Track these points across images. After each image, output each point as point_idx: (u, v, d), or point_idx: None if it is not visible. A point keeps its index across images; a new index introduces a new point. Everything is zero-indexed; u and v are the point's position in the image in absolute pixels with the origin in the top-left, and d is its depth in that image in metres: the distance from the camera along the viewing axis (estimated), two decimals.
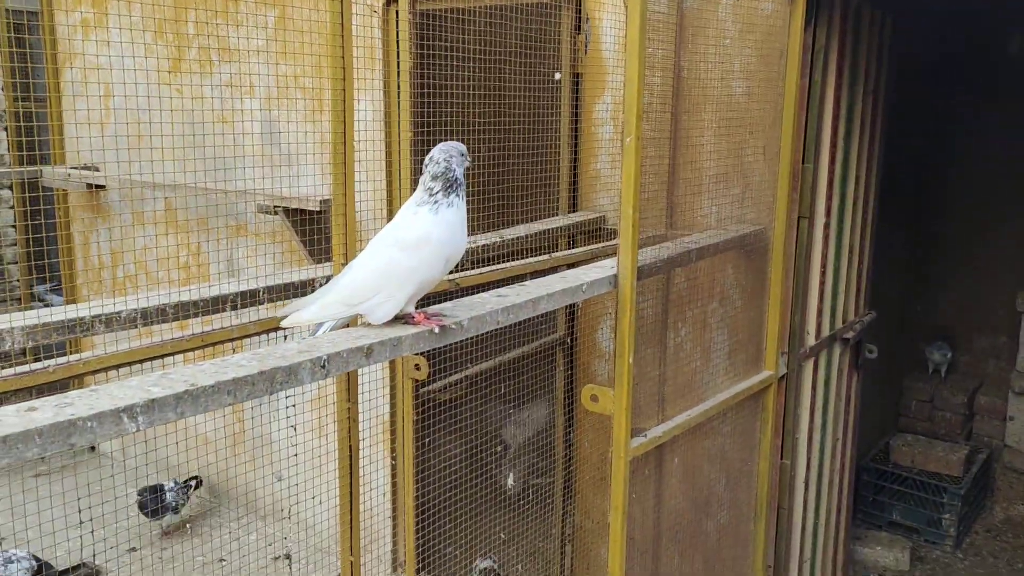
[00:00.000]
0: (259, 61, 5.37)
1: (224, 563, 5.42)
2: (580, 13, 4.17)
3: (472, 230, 3.63)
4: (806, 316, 4.13)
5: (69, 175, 5.91)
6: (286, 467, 4.63)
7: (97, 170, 6.19)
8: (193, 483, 5.86)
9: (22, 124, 6.30)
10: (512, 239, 3.57)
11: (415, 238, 2.14)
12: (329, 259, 2.85)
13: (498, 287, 2.72)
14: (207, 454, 4.75)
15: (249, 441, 5.71)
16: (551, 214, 4.14)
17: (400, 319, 2.19)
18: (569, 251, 3.64)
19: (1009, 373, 6.27)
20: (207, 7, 5.37)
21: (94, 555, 5.27)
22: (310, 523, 5.34)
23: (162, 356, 2.49)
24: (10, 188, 7.24)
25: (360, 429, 4.63)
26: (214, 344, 2.60)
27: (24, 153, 6.62)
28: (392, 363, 4.19)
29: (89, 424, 1.49)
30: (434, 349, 3.69)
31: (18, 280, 7.26)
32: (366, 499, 4.97)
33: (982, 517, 6.30)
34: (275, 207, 4.75)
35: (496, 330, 3.88)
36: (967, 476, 6.04)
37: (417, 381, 3.36)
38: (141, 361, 2.66)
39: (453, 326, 2.20)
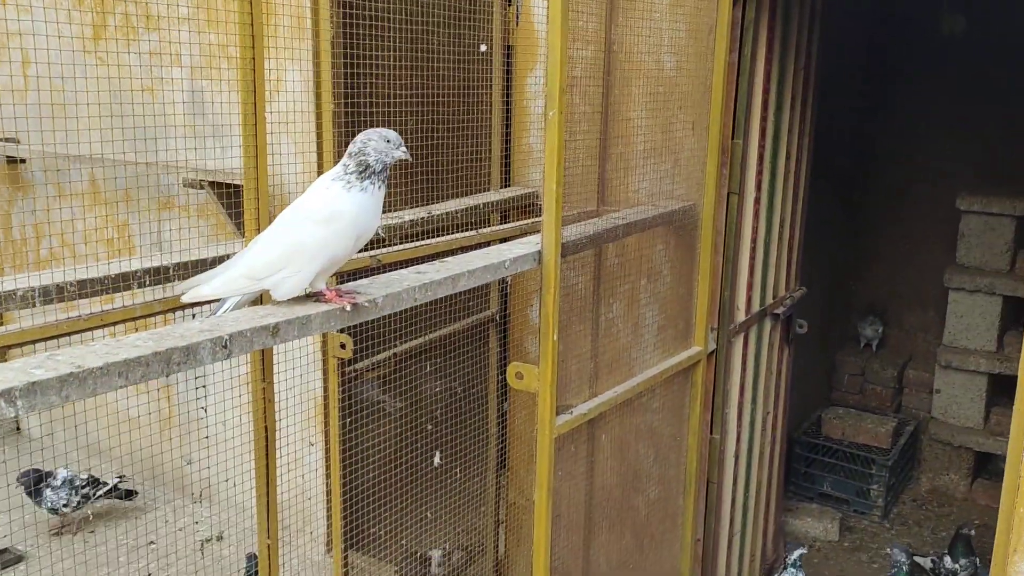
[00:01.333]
0: (185, 29, 5.19)
1: (153, 546, 5.31)
2: None
3: (399, 205, 3.57)
4: (736, 292, 4.15)
5: None
6: (213, 448, 4.53)
7: (17, 142, 5.95)
8: (111, 482, 5.34)
9: None
10: (440, 215, 3.51)
11: (328, 212, 2.08)
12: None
13: (421, 264, 2.67)
14: (134, 433, 4.63)
15: (177, 420, 5.59)
16: (483, 190, 4.09)
17: (311, 296, 2.12)
18: (497, 227, 3.59)
19: (936, 347, 6.41)
20: None
21: (11, 539, 5.13)
22: (241, 504, 5.26)
23: (86, 331, 2.38)
24: None
25: (291, 408, 4.57)
26: (126, 321, 2.51)
27: None
28: (323, 340, 4.13)
29: None
30: (362, 326, 3.63)
31: None
32: (299, 479, 4.92)
33: (909, 488, 6.46)
34: (201, 181, 4.61)
35: (426, 306, 3.84)
36: (895, 448, 6.17)
37: (341, 359, 3.30)
38: (60, 336, 2.54)
39: (366, 303, 2.15)
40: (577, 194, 3.63)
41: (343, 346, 3.24)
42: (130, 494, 5.52)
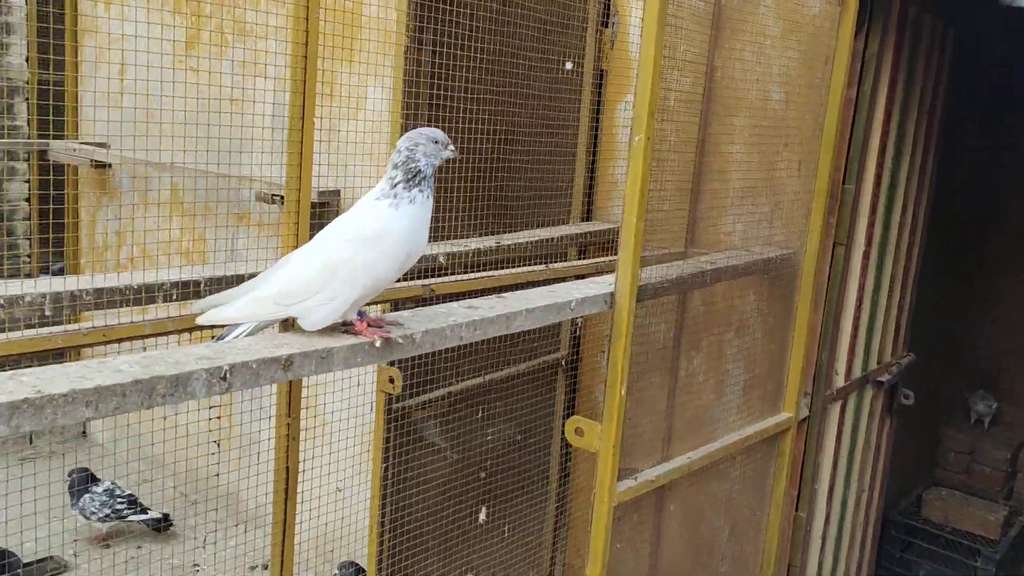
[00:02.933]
0: (273, 39, 5.10)
1: (198, 569, 5.13)
2: (608, 6, 3.82)
3: (465, 232, 3.29)
4: (836, 354, 3.71)
5: (75, 150, 5.68)
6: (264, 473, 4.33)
7: (107, 147, 5.96)
8: (151, 514, 5.25)
9: (38, 101, 6.13)
10: (510, 245, 3.22)
11: (373, 229, 1.81)
12: None
13: (478, 298, 2.38)
14: (191, 450, 4.46)
15: (236, 440, 5.42)
16: (561, 222, 3.78)
17: (339, 327, 1.85)
18: (570, 263, 3.27)
19: None
20: None
21: (61, 549, 5.03)
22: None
23: (85, 346, 2.17)
24: (27, 161, 7.07)
25: (344, 437, 4.32)
26: (132, 339, 2.28)
27: (50, 122, 6.43)
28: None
29: None
30: (418, 359, 3.36)
31: (28, 255, 7.08)
32: (348, 513, 4.65)
33: None
34: (273, 195, 4.45)
35: (488, 343, 3.54)
36: (1004, 539, 5.54)
37: (389, 395, 3.02)
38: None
39: (400, 339, 1.86)
40: (663, 232, 3.29)
41: (391, 380, 2.96)
42: (163, 527, 5.32)
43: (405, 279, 2.84)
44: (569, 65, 3.50)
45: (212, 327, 1.94)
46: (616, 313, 2.46)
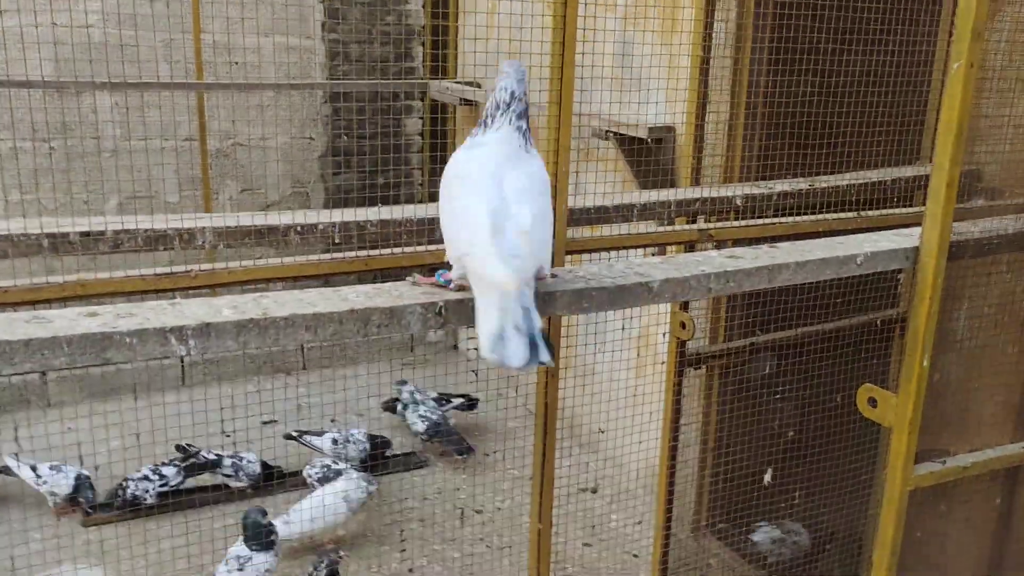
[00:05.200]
0: None
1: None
2: None
3: (778, 171, 3.03)
4: None
5: (447, 88, 6.18)
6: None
7: (479, 86, 6.41)
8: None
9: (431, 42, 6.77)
10: (828, 188, 2.91)
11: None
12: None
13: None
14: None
15: (576, 368, 5.65)
16: (909, 162, 3.33)
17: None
18: (887, 211, 2.85)
19: None
20: None
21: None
22: (619, 461, 5.17)
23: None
24: (421, 100, 7.87)
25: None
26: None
27: (439, 64, 7.10)
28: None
29: (128, 340, 1.40)
30: (723, 304, 3.21)
31: (421, 184, 7.93)
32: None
33: None
34: (607, 131, 4.47)
35: (807, 292, 3.25)
36: None
37: (681, 340, 2.93)
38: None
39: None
40: (1016, 179, 2.78)
41: (683, 326, 2.86)
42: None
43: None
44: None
45: None
46: (920, 272, 2.12)
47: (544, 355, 1.40)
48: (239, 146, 6.85)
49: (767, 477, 3.27)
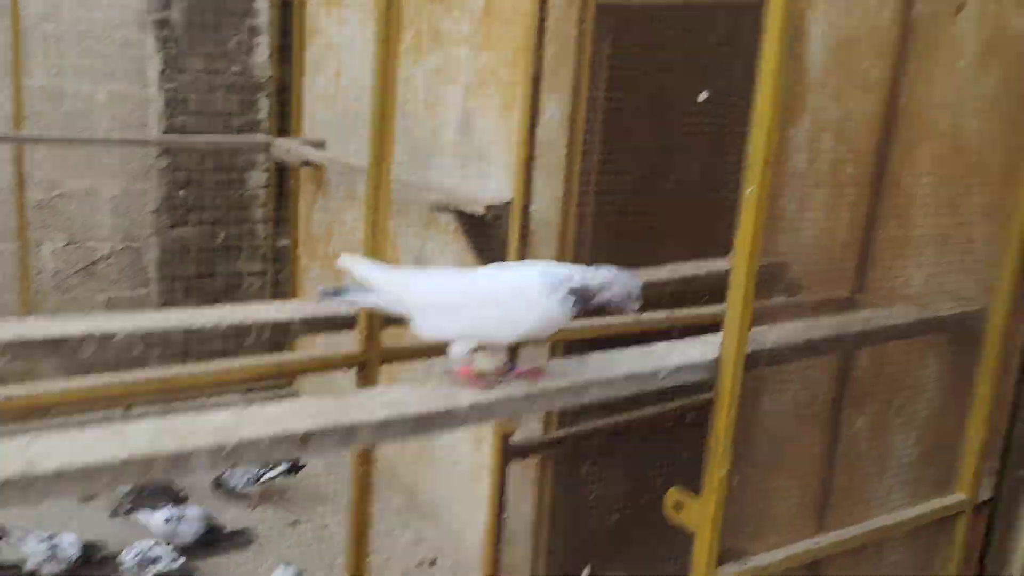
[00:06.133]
0: (465, 47, 5.12)
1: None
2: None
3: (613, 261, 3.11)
4: None
5: (289, 149, 6.07)
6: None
7: (322, 146, 6.31)
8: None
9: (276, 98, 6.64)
10: (651, 281, 3.00)
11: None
12: None
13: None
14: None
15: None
16: (719, 255, 3.49)
17: None
18: (698, 309, 2.97)
19: None
20: None
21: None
22: (458, 530, 5.13)
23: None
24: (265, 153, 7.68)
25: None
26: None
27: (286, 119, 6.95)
28: None
29: None
30: None
31: (265, 237, 7.69)
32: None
33: None
34: (445, 205, 4.49)
35: None
36: None
37: (506, 434, 2.94)
38: None
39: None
40: (825, 273, 2.96)
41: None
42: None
43: None
44: (704, 95, 3.20)
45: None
46: (720, 381, 2.21)
47: None
48: (63, 197, 6.46)
49: (585, 573, 3.30)
